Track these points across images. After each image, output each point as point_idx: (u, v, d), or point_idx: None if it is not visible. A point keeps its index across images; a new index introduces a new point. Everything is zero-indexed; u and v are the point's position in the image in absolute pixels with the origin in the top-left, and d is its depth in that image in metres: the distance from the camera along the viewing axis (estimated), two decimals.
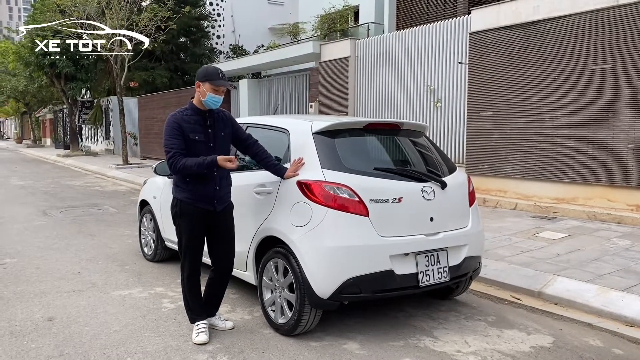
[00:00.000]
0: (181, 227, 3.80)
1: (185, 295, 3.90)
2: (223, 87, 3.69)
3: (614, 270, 5.20)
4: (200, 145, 3.65)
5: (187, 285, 3.87)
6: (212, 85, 3.64)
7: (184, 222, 3.76)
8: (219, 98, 3.69)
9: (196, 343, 3.71)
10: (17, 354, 3.59)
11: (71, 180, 16.25)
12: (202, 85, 3.66)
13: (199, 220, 3.74)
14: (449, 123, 10.85)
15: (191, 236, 3.78)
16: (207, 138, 3.70)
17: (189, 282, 3.86)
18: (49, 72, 24.79)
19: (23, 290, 4.97)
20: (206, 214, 3.74)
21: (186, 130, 3.62)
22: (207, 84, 3.64)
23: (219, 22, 30.08)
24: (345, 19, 19.86)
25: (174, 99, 21.51)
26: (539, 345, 3.79)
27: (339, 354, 3.59)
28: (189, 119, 3.67)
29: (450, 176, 4.25)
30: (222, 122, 3.83)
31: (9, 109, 50.67)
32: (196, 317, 3.87)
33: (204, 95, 3.65)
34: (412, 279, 3.78)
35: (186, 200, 3.71)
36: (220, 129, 3.79)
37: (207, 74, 3.68)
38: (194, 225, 3.76)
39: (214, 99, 3.67)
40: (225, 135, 3.82)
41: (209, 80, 3.64)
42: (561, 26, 8.39)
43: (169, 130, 3.61)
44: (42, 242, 7.08)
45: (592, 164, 8.09)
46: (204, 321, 3.86)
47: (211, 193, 3.72)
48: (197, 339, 3.73)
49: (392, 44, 12.04)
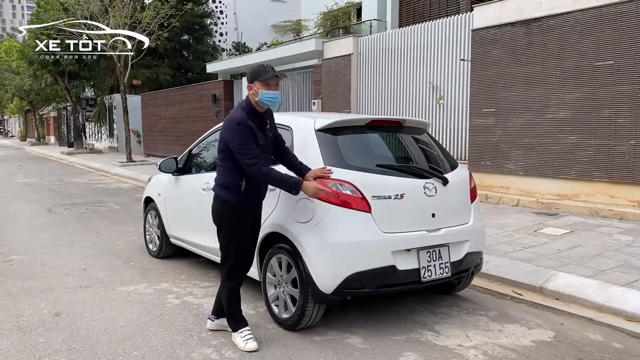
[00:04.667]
0: (233, 231, 3.67)
1: (230, 303, 3.74)
2: (275, 80, 3.55)
3: (615, 265, 5.23)
4: (261, 149, 3.57)
5: (233, 294, 3.73)
6: (263, 82, 3.52)
7: (236, 226, 3.66)
8: (274, 94, 3.55)
9: (247, 350, 3.58)
10: (25, 348, 3.65)
11: (75, 177, 16.33)
12: (253, 86, 3.54)
13: (249, 223, 3.71)
14: (452, 120, 10.87)
15: (243, 239, 3.69)
16: (266, 141, 3.63)
17: (235, 291, 3.73)
18: (53, 70, 24.87)
19: (30, 286, 5.04)
20: (252, 216, 3.73)
21: (256, 135, 3.53)
22: (257, 82, 3.53)
23: (221, 20, 30.14)
24: (348, 16, 19.87)
25: (177, 96, 21.57)
26: (540, 339, 3.83)
27: (341, 348, 3.64)
28: (253, 124, 3.54)
29: (452, 173, 4.29)
30: (272, 121, 3.78)
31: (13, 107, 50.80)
32: (238, 324, 3.73)
33: (257, 94, 3.53)
34: (414, 275, 3.82)
35: (242, 204, 3.64)
36: (270, 130, 3.73)
37: (255, 72, 3.58)
38: (246, 228, 3.70)
39: (268, 95, 3.53)
40: (272, 135, 3.76)
41: (259, 78, 3.53)
42: (564, 23, 8.40)
43: (243, 136, 3.47)
44: (48, 239, 7.15)
45: (594, 160, 8.11)
46: (247, 327, 3.73)
47: (261, 197, 3.75)
48: (248, 346, 3.59)
49: (395, 41, 12.05)
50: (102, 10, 19.12)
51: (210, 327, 3.95)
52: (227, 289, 3.72)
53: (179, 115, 21.10)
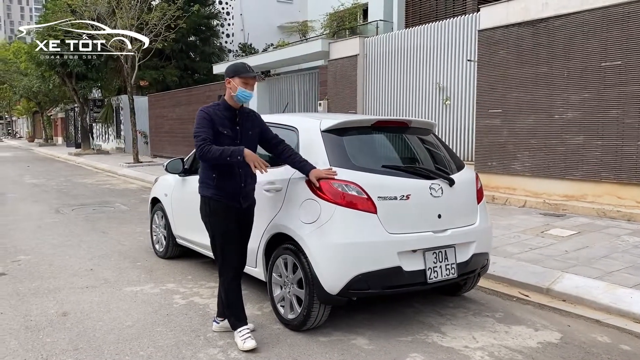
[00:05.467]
0: (213, 225, 3.75)
1: (227, 300, 3.75)
2: (253, 80, 3.72)
3: (622, 267, 5.20)
4: (227, 140, 3.65)
5: (228, 290, 3.74)
6: (242, 79, 3.66)
7: (215, 220, 3.73)
8: (249, 93, 3.69)
9: (244, 350, 3.58)
10: (32, 347, 3.67)
11: (83, 178, 16.42)
12: (232, 81, 3.68)
13: (230, 216, 3.73)
14: (458, 121, 10.85)
15: (225, 233, 3.72)
16: (234, 134, 3.71)
17: (230, 287, 3.74)
18: (61, 72, 25.01)
19: (37, 287, 5.07)
20: (234, 210, 3.74)
21: (216, 123, 3.64)
22: (236, 78, 3.66)
23: (228, 21, 30.22)
24: (354, 16, 19.86)
25: (184, 97, 21.64)
26: (547, 341, 3.81)
27: (347, 349, 3.64)
28: (220, 113, 3.69)
29: (458, 173, 4.28)
30: (250, 121, 3.85)
31: (20, 108, 51.13)
32: (238, 322, 3.73)
33: (234, 90, 3.66)
34: (420, 276, 3.82)
35: (214, 197, 3.69)
36: (248, 128, 3.80)
37: (236, 69, 3.71)
38: (226, 222, 3.72)
39: (245, 93, 3.67)
40: (253, 134, 3.83)
41: (238, 74, 3.67)
42: (570, 23, 8.37)
43: (200, 120, 3.64)
44: (55, 240, 7.19)
45: (601, 161, 8.07)
46: (247, 326, 3.73)
47: (237, 190, 3.72)
48: (245, 345, 3.59)
49: (401, 42, 12.04)
50: (109, 12, 19.23)
51: (215, 329, 3.95)
52: (222, 285, 3.78)
53: (186, 116, 21.16)
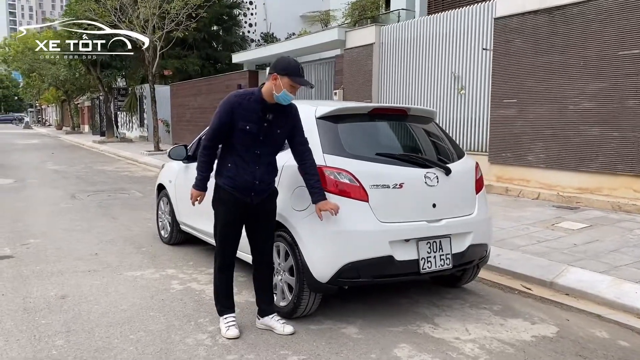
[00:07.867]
0: (217, 213, 3.65)
1: (216, 286, 3.73)
2: (299, 87, 3.44)
3: (631, 262, 5.06)
4: (248, 136, 3.44)
5: (217, 277, 3.70)
6: (292, 81, 3.36)
7: (221, 208, 3.62)
8: (292, 97, 3.44)
9: (227, 337, 3.55)
10: (27, 328, 3.74)
11: (103, 165, 16.68)
12: (280, 79, 3.36)
13: (235, 209, 3.57)
14: (473, 111, 10.61)
15: (226, 224, 3.62)
16: (258, 130, 3.45)
17: (219, 274, 3.69)
18: (86, 60, 25.41)
19: (41, 269, 5.16)
20: (243, 204, 3.57)
21: (237, 117, 3.41)
22: (286, 78, 3.35)
23: (250, 10, 30.29)
24: (376, 5, 19.63)
25: (205, 86, 21.76)
26: (541, 334, 3.73)
27: (335, 338, 3.61)
28: (248, 105, 3.43)
29: (456, 162, 4.19)
30: (284, 117, 3.55)
31: (49, 96, 52.16)
32: (224, 309, 3.71)
33: (279, 90, 3.37)
34: (412, 265, 3.76)
35: (225, 187, 3.54)
36: (277, 125, 3.52)
37: (289, 68, 3.38)
38: (229, 213, 3.59)
39: (288, 97, 3.41)
40: (282, 132, 3.56)
41: (290, 75, 3.36)
42: (588, 10, 8.12)
43: (220, 115, 3.47)
44: (67, 224, 7.32)
45: (617, 153, 7.84)
46: (232, 314, 3.71)
47: (249, 185, 3.51)
48: (228, 333, 3.57)
49: (417, 30, 11.85)
50: (132, 1, 19.40)
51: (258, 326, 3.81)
52: (215, 270, 3.74)
53: (207, 105, 21.28)
